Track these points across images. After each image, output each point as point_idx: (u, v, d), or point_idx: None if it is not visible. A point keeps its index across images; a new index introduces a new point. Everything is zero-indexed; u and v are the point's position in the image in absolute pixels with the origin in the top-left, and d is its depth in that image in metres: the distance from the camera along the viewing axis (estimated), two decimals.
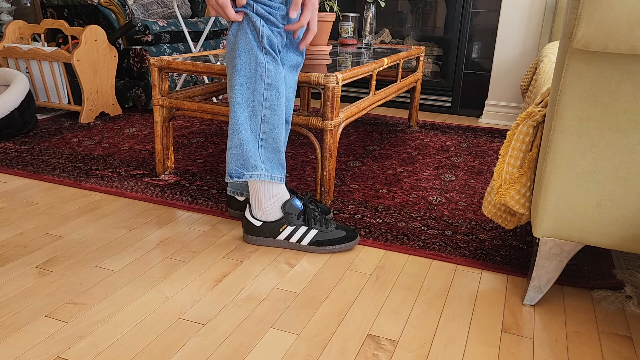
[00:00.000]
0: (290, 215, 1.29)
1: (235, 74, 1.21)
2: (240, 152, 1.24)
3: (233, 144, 1.24)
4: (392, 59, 1.95)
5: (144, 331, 0.98)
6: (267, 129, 1.25)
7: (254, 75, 1.20)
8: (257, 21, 1.16)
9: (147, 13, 2.84)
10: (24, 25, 2.59)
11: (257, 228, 1.31)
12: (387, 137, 2.34)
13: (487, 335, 1.00)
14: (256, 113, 1.23)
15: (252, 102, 1.22)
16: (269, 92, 1.23)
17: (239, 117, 1.22)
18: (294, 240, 1.29)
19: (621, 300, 1.12)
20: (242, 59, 1.19)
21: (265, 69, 1.20)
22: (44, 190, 1.64)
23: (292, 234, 1.29)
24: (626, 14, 0.80)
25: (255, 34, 1.18)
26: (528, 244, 1.37)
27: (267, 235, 1.31)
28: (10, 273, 1.16)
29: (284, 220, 1.29)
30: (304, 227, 1.29)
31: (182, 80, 2.70)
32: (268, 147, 1.26)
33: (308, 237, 1.29)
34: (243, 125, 1.23)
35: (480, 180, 1.83)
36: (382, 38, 3.09)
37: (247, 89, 1.21)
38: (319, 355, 0.93)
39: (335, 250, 1.29)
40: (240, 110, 1.22)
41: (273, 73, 1.22)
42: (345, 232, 1.31)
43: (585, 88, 0.92)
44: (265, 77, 1.21)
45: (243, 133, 1.23)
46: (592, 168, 0.96)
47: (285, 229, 1.29)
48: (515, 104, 2.73)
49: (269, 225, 1.30)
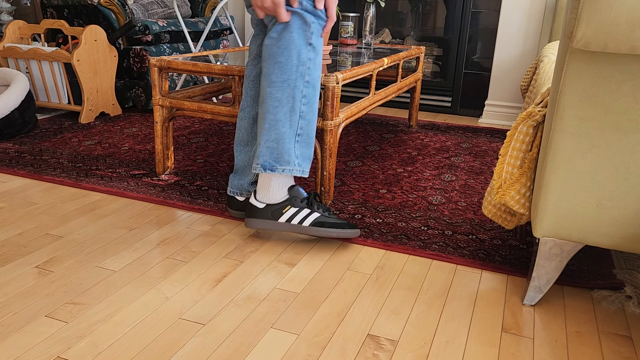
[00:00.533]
0: (295, 198, 1.31)
1: (276, 70, 1.24)
2: (275, 147, 1.27)
3: (269, 138, 1.27)
4: (392, 59, 1.95)
5: (144, 331, 0.98)
6: (304, 124, 1.29)
7: (295, 73, 1.24)
8: (308, 18, 1.22)
9: (147, 13, 2.84)
10: (24, 25, 2.60)
11: (260, 210, 1.32)
12: (387, 137, 2.34)
13: (487, 335, 1.00)
14: (295, 109, 1.26)
15: (293, 98, 1.26)
16: (307, 89, 1.27)
17: (278, 112, 1.26)
18: (296, 222, 1.30)
19: (621, 300, 1.12)
20: (285, 57, 1.23)
21: (307, 67, 1.25)
22: (44, 190, 1.64)
23: (294, 215, 1.30)
24: (626, 14, 0.80)
25: (304, 32, 1.22)
26: (528, 244, 1.37)
27: (269, 218, 1.32)
28: (10, 273, 1.16)
29: (287, 202, 1.31)
30: (307, 210, 1.31)
31: (182, 80, 2.70)
32: (302, 142, 1.30)
33: (310, 219, 1.30)
34: (282, 121, 1.26)
35: (480, 180, 1.83)
36: (382, 38, 3.09)
37: (288, 86, 1.24)
38: (319, 355, 0.93)
39: (335, 234, 1.30)
40: (280, 107, 1.25)
41: (312, 71, 1.26)
42: (344, 222, 1.33)
43: (585, 88, 0.92)
44: (305, 75, 1.25)
45: (281, 129, 1.26)
46: (592, 168, 0.96)
47: (288, 210, 1.31)
48: (515, 104, 2.73)
49: (272, 207, 1.31)
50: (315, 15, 1.23)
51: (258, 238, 1.37)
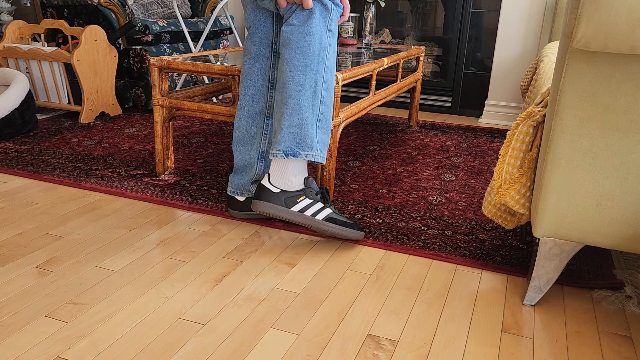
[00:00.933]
0: (311, 189, 1.32)
1: (298, 54, 1.26)
2: (298, 132, 1.28)
3: (292, 123, 1.28)
4: (392, 59, 1.95)
5: (144, 331, 0.98)
6: (324, 110, 1.31)
7: (317, 58, 1.27)
8: (329, 5, 1.27)
9: (147, 13, 2.84)
10: (24, 25, 2.59)
11: (274, 195, 1.31)
12: (387, 137, 2.34)
13: (487, 335, 1.00)
14: (317, 94, 1.29)
15: (315, 83, 1.28)
16: (327, 74, 1.30)
17: (301, 97, 1.27)
18: (309, 214, 1.30)
19: (621, 300, 1.12)
20: (307, 41, 1.26)
21: (327, 52, 1.29)
22: (44, 190, 1.64)
23: (308, 207, 1.31)
24: (626, 14, 0.80)
25: (324, 18, 1.26)
26: (528, 244, 1.37)
27: (282, 204, 1.31)
28: (10, 273, 1.16)
29: (303, 192, 1.31)
30: (320, 204, 1.32)
31: (182, 80, 2.70)
32: (322, 127, 1.32)
33: (323, 214, 1.31)
34: (305, 105, 1.27)
35: (480, 180, 1.83)
36: (382, 38, 3.09)
37: (310, 71, 1.27)
38: (319, 355, 0.93)
39: (345, 233, 1.31)
40: (303, 91, 1.27)
41: (331, 56, 1.30)
42: (353, 223, 1.35)
43: (585, 88, 0.92)
44: (326, 60, 1.29)
45: (304, 113, 1.28)
46: (592, 168, 0.96)
47: (302, 201, 1.31)
48: (515, 104, 2.73)
49: (287, 194, 1.31)
50: (335, 2, 1.28)
51: (258, 238, 1.37)
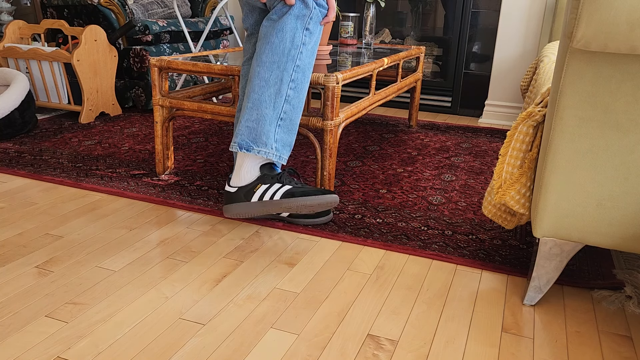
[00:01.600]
0: (267, 175, 1.29)
1: (267, 50, 1.23)
2: (255, 127, 1.26)
3: (250, 118, 1.26)
4: (392, 59, 1.95)
5: (144, 331, 0.98)
6: (289, 109, 1.28)
7: (287, 55, 1.23)
8: (310, 3, 1.23)
9: (147, 13, 2.84)
10: (24, 25, 2.59)
11: (232, 195, 1.31)
12: (387, 137, 2.34)
13: (487, 335, 1.00)
14: (282, 92, 1.26)
15: (280, 81, 1.25)
16: (297, 74, 1.26)
17: (263, 92, 1.25)
18: (267, 198, 1.27)
19: (621, 300, 1.12)
20: (278, 38, 1.22)
21: (299, 51, 1.25)
22: (44, 190, 1.64)
23: (265, 191, 1.28)
24: (626, 14, 0.80)
25: (302, 16, 1.23)
26: (528, 244, 1.37)
27: (242, 200, 1.30)
28: (10, 273, 1.16)
29: (258, 180, 1.29)
30: (277, 184, 1.28)
31: (182, 80, 2.70)
32: (285, 127, 1.28)
33: (281, 191, 1.27)
34: (266, 102, 1.25)
35: (480, 180, 1.83)
36: (382, 38, 3.09)
37: (277, 68, 1.24)
38: (319, 355, 0.93)
39: (310, 201, 1.24)
40: (266, 87, 1.25)
41: (304, 57, 1.26)
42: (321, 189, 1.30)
43: (585, 88, 0.92)
44: (296, 59, 1.25)
45: (264, 110, 1.25)
46: (592, 168, 0.96)
47: (259, 189, 1.28)
48: (515, 104, 2.73)
49: (244, 189, 1.30)
50: (318, 2, 1.25)
51: (258, 238, 1.37)
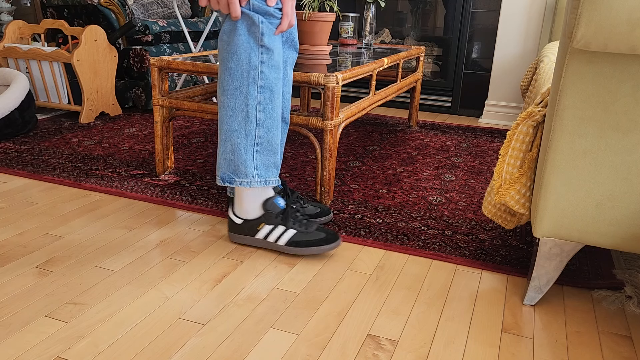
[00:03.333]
0: (270, 213, 1.27)
1: (226, 76, 1.18)
2: (232, 159, 1.23)
3: (225, 150, 1.23)
4: (392, 59, 1.95)
5: (144, 331, 0.98)
6: (263, 132, 1.22)
7: (247, 79, 1.17)
8: (256, 18, 1.13)
9: (147, 13, 2.84)
10: (24, 25, 2.59)
11: (238, 226, 1.30)
12: (387, 137, 2.34)
13: (487, 335, 1.00)
14: (250, 118, 1.20)
15: (246, 106, 1.19)
16: (262, 94, 1.19)
17: (232, 122, 1.20)
18: (272, 240, 1.26)
19: (621, 300, 1.12)
20: (234, 62, 1.16)
21: (259, 71, 1.17)
22: (44, 190, 1.64)
23: (270, 232, 1.26)
24: (626, 14, 0.80)
25: (253, 34, 1.14)
26: (528, 244, 1.37)
27: (246, 233, 1.29)
28: (10, 273, 1.16)
29: (262, 218, 1.27)
30: (282, 227, 1.26)
31: (182, 80, 2.70)
32: (264, 150, 1.24)
33: (285, 237, 1.26)
34: (236, 131, 1.20)
35: (480, 180, 1.83)
36: (382, 38, 3.09)
37: (240, 93, 1.18)
38: (319, 355, 0.93)
39: (312, 252, 1.25)
40: (234, 116, 1.20)
41: (267, 75, 1.19)
42: (325, 235, 1.26)
43: (585, 88, 0.92)
44: (258, 80, 1.18)
45: (236, 139, 1.21)
46: (592, 168, 0.96)
47: (263, 228, 1.27)
48: (515, 104, 2.73)
49: (249, 224, 1.28)
50: (266, 14, 1.14)
51: None
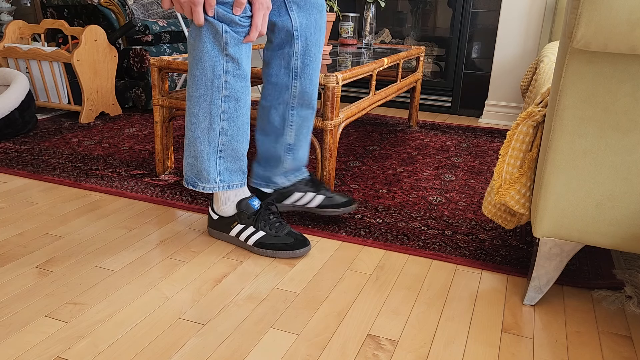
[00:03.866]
0: (243, 213, 1.29)
1: (192, 83, 1.18)
2: (195, 164, 1.24)
3: (189, 154, 1.24)
4: (392, 59, 1.95)
5: (144, 331, 0.98)
6: (226, 140, 1.22)
7: (211, 87, 1.16)
8: (220, 27, 1.10)
9: (147, 13, 2.84)
10: (24, 25, 2.59)
11: (215, 221, 1.34)
12: (387, 137, 2.34)
13: (487, 335, 1.00)
14: (214, 126, 1.20)
15: (210, 114, 1.19)
16: (227, 104, 1.18)
17: (196, 129, 1.21)
18: (242, 239, 1.30)
19: (621, 300, 1.12)
20: (199, 69, 1.15)
21: (223, 80, 1.16)
22: (44, 190, 1.64)
23: (242, 231, 1.29)
24: (626, 14, 0.80)
25: (216, 42, 1.12)
26: (528, 244, 1.37)
27: (221, 230, 1.33)
28: (10, 273, 1.16)
29: (235, 217, 1.30)
30: (251, 228, 1.28)
31: (182, 80, 2.70)
32: (227, 157, 1.24)
33: (254, 238, 1.28)
34: (199, 138, 1.21)
35: (480, 180, 1.83)
36: (382, 38, 3.09)
37: (203, 101, 1.18)
38: (319, 355, 0.93)
39: (277, 255, 1.27)
40: (197, 123, 1.20)
41: (232, 84, 1.17)
42: (292, 240, 1.27)
43: (585, 88, 0.92)
44: (222, 89, 1.17)
45: (199, 146, 1.22)
46: (592, 168, 0.96)
47: (235, 226, 1.30)
48: (515, 104, 2.73)
49: (225, 221, 1.32)
50: (231, 23, 1.11)
51: None
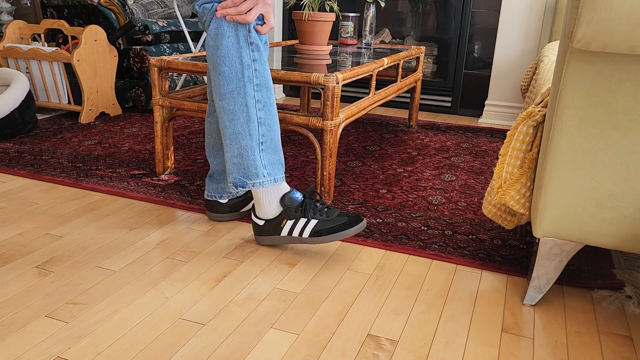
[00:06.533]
0: (289, 208, 1.26)
1: (221, 81, 1.18)
2: (240, 162, 1.23)
3: (233, 154, 1.23)
4: (392, 59, 1.95)
5: (144, 331, 0.98)
6: (265, 130, 1.23)
7: (242, 79, 1.17)
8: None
9: (147, 13, 2.84)
10: (24, 25, 2.59)
11: (262, 227, 1.30)
12: (387, 137, 2.34)
13: (487, 335, 1.00)
14: (252, 117, 1.20)
15: (246, 106, 1.19)
16: (259, 93, 1.20)
17: (235, 125, 1.20)
18: (296, 234, 1.26)
19: (621, 300, 1.12)
20: (227, 65, 1.17)
21: (252, 69, 1.18)
22: (44, 190, 1.64)
23: (293, 227, 1.26)
24: (626, 14, 0.80)
25: (239, 34, 1.15)
26: (528, 244, 1.37)
27: (271, 233, 1.29)
28: (10, 273, 1.16)
29: (283, 214, 1.27)
30: (303, 219, 1.26)
31: (182, 80, 2.70)
32: (268, 149, 1.24)
33: (308, 229, 1.25)
34: (241, 133, 1.21)
35: (480, 180, 1.83)
36: (382, 38, 3.09)
37: (237, 95, 1.18)
38: (319, 355, 0.93)
39: (337, 238, 1.24)
40: (235, 119, 1.20)
41: (261, 72, 1.19)
42: (347, 219, 1.25)
43: (585, 88, 0.92)
44: (253, 79, 1.18)
45: (242, 141, 1.21)
46: (592, 168, 0.96)
47: (285, 224, 1.27)
48: (515, 104, 2.73)
49: (271, 223, 1.28)
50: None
51: None
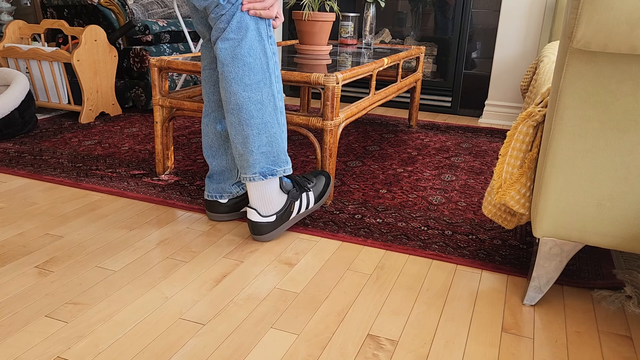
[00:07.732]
0: (292, 192, 1.33)
1: (247, 72, 1.20)
2: (270, 150, 1.25)
3: (261, 143, 1.24)
4: (392, 59, 1.95)
5: (144, 331, 0.98)
6: (284, 120, 1.29)
7: (267, 70, 1.21)
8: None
9: (147, 13, 2.84)
10: (24, 25, 2.59)
11: (272, 223, 1.32)
12: (387, 137, 2.34)
13: (487, 335, 1.00)
14: (278, 106, 1.25)
15: (273, 96, 1.23)
16: (279, 84, 1.25)
17: (264, 114, 1.22)
18: (303, 210, 1.36)
19: (621, 300, 1.12)
20: (252, 57, 1.19)
21: (273, 61, 1.23)
22: (44, 190, 1.64)
23: (301, 205, 1.35)
24: (626, 14, 0.80)
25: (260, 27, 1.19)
26: (528, 244, 1.37)
27: (283, 222, 1.34)
28: (10, 273, 1.16)
29: (289, 199, 1.32)
30: (304, 194, 1.36)
31: (182, 80, 2.70)
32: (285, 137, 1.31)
33: (311, 198, 1.38)
34: (269, 122, 1.23)
35: (480, 180, 1.83)
36: (382, 38, 3.09)
37: (264, 85, 1.21)
38: (319, 355, 0.93)
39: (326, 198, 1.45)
40: (264, 108, 1.22)
41: (277, 64, 1.25)
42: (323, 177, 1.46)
43: (585, 88, 0.92)
44: (275, 70, 1.23)
45: (271, 130, 1.24)
46: (592, 168, 0.96)
47: (294, 207, 1.34)
48: (515, 104, 2.73)
49: (282, 214, 1.33)
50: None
51: None
